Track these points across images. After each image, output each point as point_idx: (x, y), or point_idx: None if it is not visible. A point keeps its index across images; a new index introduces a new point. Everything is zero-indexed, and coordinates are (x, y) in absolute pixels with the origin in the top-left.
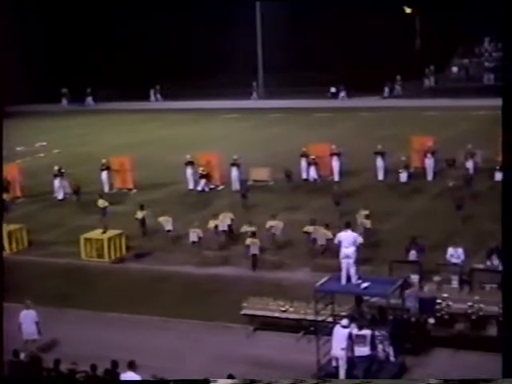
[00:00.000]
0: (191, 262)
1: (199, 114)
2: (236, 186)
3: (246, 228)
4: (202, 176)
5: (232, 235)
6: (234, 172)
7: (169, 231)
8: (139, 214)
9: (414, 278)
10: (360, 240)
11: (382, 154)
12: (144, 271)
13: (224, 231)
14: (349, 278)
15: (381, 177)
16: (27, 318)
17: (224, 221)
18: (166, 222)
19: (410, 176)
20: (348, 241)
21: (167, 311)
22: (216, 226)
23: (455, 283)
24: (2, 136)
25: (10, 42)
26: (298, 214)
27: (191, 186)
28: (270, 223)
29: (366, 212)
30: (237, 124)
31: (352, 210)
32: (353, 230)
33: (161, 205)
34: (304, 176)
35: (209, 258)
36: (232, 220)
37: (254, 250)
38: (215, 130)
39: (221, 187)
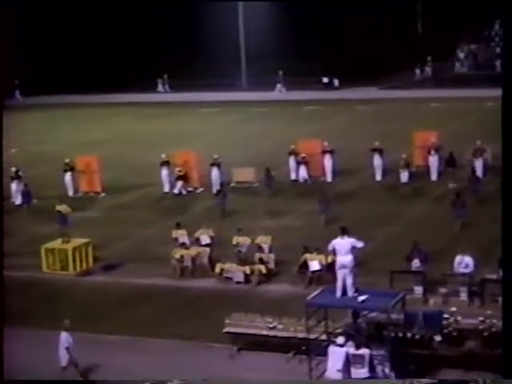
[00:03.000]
0: (167, 274)
1: (175, 108)
2: (217, 188)
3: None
4: (179, 177)
5: (209, 264)
6: (215, 172)
7: None
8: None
9: (418, 290)
10: (360, 245)
11: (379, 150)
12: (114, 285)
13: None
14: (344, 291)
15: (379, 177)
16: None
17: (202, 239)
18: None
19: (411, 176)
20: (344, 248)
21: (140, 330)
22: (197, 239)
23: (464, 296)
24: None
25: None
26: (285, 220)
27: (167, 189)
28: (259, 239)
29: None
30: (218, 119)
31: (345, 214)
32: (349, 236)
33: (132, 209)
34: (293, 176)
35: (187, 269)
36: (211, 238)
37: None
38: (193, 125)
39: (200, 190)
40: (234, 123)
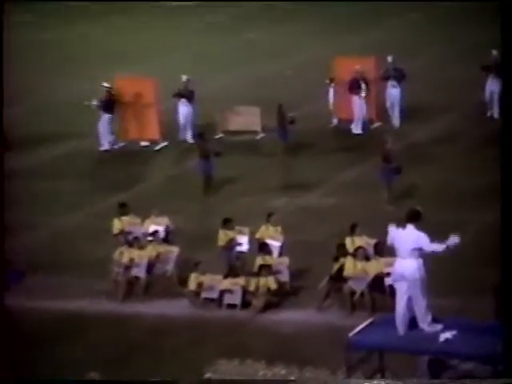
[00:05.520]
0: (103, 292)
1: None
2: (187, 137)
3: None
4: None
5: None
6: (184, 110)
7: None
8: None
9: None
10: (435, 247)
11: None
12: (29, 312)
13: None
14: (413, 322)
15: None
16: None
17: (162, 231)
18: None
19: None
20: (406, 246)
21: (72, 373)
22: (155, 232)
23: None
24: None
25: None
26: (311, 197)
27: (106, 145)
28: (263, 231)
29: None
30: (189, 21)
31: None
32: (417, 225)
33: (45, 178)
34: (334, 121)
35: (138, 283)
36: (168, 229)
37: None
38: (150, 32)
39: (162, 144)
40: (218, 29)
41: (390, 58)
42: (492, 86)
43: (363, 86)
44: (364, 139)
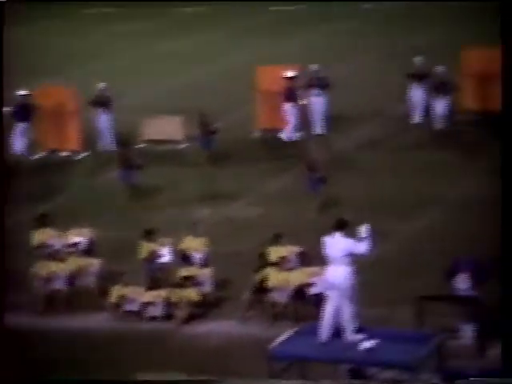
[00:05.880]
0: (29, 307)
1: None
2: (109, 147)
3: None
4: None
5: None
6: (103, 118)
7: None
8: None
9: (466, 329)
10: (363, 249)
11: None
12: None
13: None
14: (337, 331)
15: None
16: None
17: (83, 243)
18: None
19: None
20: (337, 253)
21: None
22: (75, 244)
23: None
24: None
25: None
26: (235, 207)
27: (20, 154)
28: (186, 242)
29: None
30: (113, 29)
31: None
32: (346, 233)
33: None
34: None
35: (59, 295)
36: (90, 241)
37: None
38: (71, 40)
39: (83, 154)
40: (141, 35)
41: (313, 67)
42: (416, 93)
43: (297, 94)
44: (289, 148)
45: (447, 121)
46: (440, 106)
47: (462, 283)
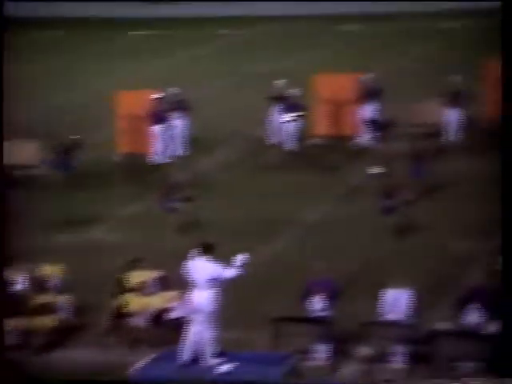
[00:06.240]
0: None
1: None
2: None
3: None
4: None
5: None
6: None
7: None
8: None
9: (320, 350)
10: (230, 273)
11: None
12: None
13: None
14: (197, 354)
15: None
16: None
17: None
18: None
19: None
20: (201, 276)
21: None
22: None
23: (399, 360)
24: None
25: None
26: (93, 231)
27: None
28: (42, 268)
29: None
30: None
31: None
32: (210, 256)
33: None
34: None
35: None
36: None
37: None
38: None
39: None
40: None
41: (173, 90)
42: (276, 115)
43: (164, 116)
44: (150, 171)
45: (299, 142)
46: (291, 127)
47: (317, 304)
